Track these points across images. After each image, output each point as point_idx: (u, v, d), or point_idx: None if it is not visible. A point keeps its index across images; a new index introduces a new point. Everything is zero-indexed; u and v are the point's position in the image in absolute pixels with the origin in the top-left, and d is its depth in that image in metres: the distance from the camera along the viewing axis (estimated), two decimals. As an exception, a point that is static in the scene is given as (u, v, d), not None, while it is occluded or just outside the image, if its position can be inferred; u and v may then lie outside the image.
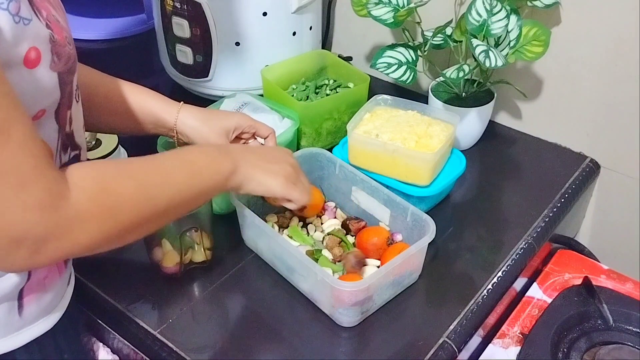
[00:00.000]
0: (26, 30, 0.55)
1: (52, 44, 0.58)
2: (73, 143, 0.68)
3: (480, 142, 1.14)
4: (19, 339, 0.67)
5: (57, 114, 0.62)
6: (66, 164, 0.65)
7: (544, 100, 1.14)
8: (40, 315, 0.69)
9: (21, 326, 0.67)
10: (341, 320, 0.82)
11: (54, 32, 0.58)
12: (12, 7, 0.53)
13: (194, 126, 0.87)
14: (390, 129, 0.97)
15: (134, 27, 1.47)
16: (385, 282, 0.82)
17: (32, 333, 0.68)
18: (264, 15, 1.11)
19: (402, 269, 0.83)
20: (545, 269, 0.99)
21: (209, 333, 0.82)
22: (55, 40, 0.58)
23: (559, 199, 1.03)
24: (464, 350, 0.82)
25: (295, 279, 0.86)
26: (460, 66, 1.01)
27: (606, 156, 1.11)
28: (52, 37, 0.58)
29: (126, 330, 0.84)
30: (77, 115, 0.68)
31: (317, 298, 0.84)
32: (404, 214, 0.88)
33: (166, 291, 0.87)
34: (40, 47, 0.56)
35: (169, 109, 0.88)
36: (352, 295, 0.78)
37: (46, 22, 0.58)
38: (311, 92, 1.14)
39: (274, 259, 0.89)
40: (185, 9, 1.10)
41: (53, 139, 0.63)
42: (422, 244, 0.82)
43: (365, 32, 1.31)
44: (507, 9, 0.98)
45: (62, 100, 0.62)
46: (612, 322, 0.89)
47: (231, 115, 0.91)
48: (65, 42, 0.60)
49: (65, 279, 0.74)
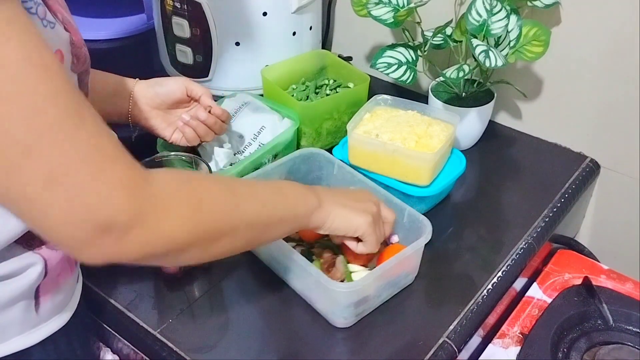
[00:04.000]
0: (53, 34, 0.55)
1: (72, 46, 0.59)
2: None
3: (480, 142, 1.14)
4: (36, 336, 0.68)
5: None
6: None
7: (544, 100, 1.14)
8: (55, 312, 0.70)
9: (37, 323, 0.68)
10: (336, 322, 0.81)
11: (71, 34, 0.59)
12: (41, 12, 0.54)
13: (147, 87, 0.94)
14: (390, 129, 0.97)
15: (134, 27, 1.46)
16: (380, 283, 0.81)
17: (48, 330, 0.69)
18: (264, 15, 1.11)
19: (397, 271, 0.83)
20: (545, 269, 0.99)
21: (209, 333, 0.82)
22: (73, 42, 0.59)
23: (559, 199, 1.03)
24: (464, 350, 0.82)
25: (291, 279, 0.86)
26: (460, 66, 1.01)
27: (606, 156, 1.11)
28: (71, 40, 0.59)
29: (126, 330, 0.84)
30: None
31: (312, 298, 0.84)
32: (401, 214, 0.88)
33: (166, 291, 0.88)
34: (63, 49, 0.57)
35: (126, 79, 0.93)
36: (346, 296, 0.77)
37: (63, 25, 0.58)
38: (311, 92, 1.14)
39: (270, 259, 0.89)
40: (185, 9, 1.10)
41: None
42: (417, 246, 0.82)
43: (365, 32, 1.31)
44: (507, 9, 0.98)
45: None
46: (612, 322, 0.89)
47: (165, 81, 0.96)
48: (81, 44, 0.62)
49: (75, 277, 0.75)
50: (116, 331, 0.86)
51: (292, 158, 0.96)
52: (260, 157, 0.98)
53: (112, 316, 0.85)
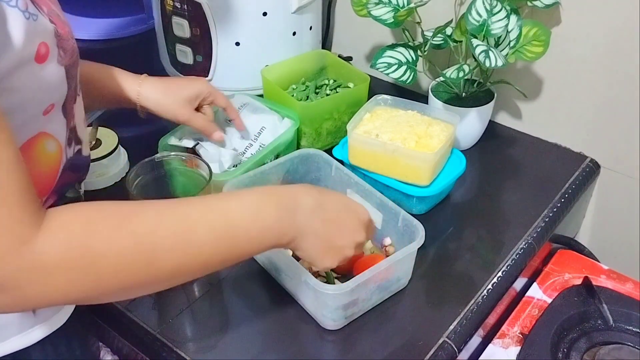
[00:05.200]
0: (36, 26, 0.55)
1: (58, 38, 0.58)
2: (76, 137, 0.68)
3: (480, 142, 1.14)
4: (34, 336, 0.68)
5: (65, 108, 0.63)
6: (71, 158, 0.66)
7: (544, 100, 1.14)
8: (52, 312, 0.70)
9: (35, 323, 0.68)
10: (325, 323, 0.81)
11: (57, 27, 0.59)
12: (21, 4, 0.53)
13: (155, 99, 0.86)
14: (390, 129, 0.97)
15: (134, 27, 1.46)
16: (369, 287, 0.81)
17: (46, 330, 0.69)
18: (264, 15, 1.11)
19: (387, 275, 0.82)
20: (545, 269, 0.99)
21: (209, 333, 0.82)
22: (59, 35, 0.59)
23: (559, 199, 1.03)
24: (464, 350, 0.82)
25: (282, 279, 0.86)
26: (460, 66, 1.01)
27: (606, 156, 1.11)
28: (56, 32, 0.58)
29: (126, 330, 0.84)
30: (79, 109, 0.68)
31: (302, 300, 0.84)
32: (395, 218, 0.87)
33: (166, 291, 0.87)
34: (48, 41, 0.57)
35: (129, 85, 0.86)
36: (334, 298, 0.77)
37: (48, 17, 0.58)
38: (311, 92, 1.14)
39: (263, 258, 0.89)
40: (185, 9, 1.10)
41: (61, 133, 0.64)
42: (409, 250, 0.81)
43: (365, 32, 1.31)
44: (507, 9, 0.98)
45: (68, 94, 0.63)
46: (612, 322, 0.89)
47: (192, 82, 0.90)
48: (69, 36, 0.61)
49: None
50: (116, 331, 0.86)
51: (290, 159, 0.95)
52: (262, 158, 0.98)
53: (112, 316, 0.85)
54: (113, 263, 0.52)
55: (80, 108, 0.69)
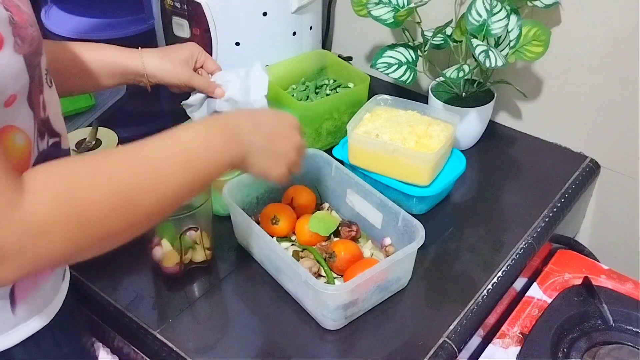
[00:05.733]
0: None
1: (13, 26, 0.56)
2: (50, 129, 0.66)
3: (480, 142, 1.14)
4: (15, 337, 0.67)
5: (30, 99, 0.61)
6: (45, 151, 0.65)
7: (544, 100, 1.14)
8: (35, 311, 0.69)
9: (16, 323, 0.67)
10: (325, 323, 0.81)
11: (13, 14, 0.57)
12: None
13: (158, 65, 0.93)
14: (390, 129, 0.97)
15: (134, 27, 1.46)
16: (369, 287, 0.81)
17: (28, 330, 0.68)
18: (264, 15, 1.11)
19: (387, 275, 0.82)
20: (545, 269, 0.99)
21: (209, 333, 0.82)
22: (15, 22, 0.57)
23: (559, 199, 1.03)
24: (464, 350, 0.82)
25: (282, 279, 0.86)
26: (460, 66, 1.01)
27: (606, 156, 1.11)
28: (11, 19, 0.56)
29: (126, 330, 0.84)
30: (51, 100, 0.66)
31: (302, 299, 0.84)
32: (395, 218, 0.87)
33: (166, 291, 0.88)
34: (1, 29, 0.55)
35: (132, 56, 0.93)
36: (334, 298, 0.77)
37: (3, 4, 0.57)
38: (311, 92, 1.14)
39: (263, 258, 0.89)
40: (185, 9, 1.10)
41: (29, 125, 0.62)
42: (409, 250, 0.82)
43: (365, 32, 1.31)
44: (507, 9, 0.98)
45: (32, 84, 0.61)
46: (612, 322, 0.89)
47: (184, 45, 0.98)
48: (26, 24, 0.59)
49: (59, 275, 0.73)
50: (116, 331, 0.86)
51: (290, 158, 0.95)
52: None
53: (112, 316, 0.85)
54: (99, 209, 0.54)
55: (52, 99, 0.67)
